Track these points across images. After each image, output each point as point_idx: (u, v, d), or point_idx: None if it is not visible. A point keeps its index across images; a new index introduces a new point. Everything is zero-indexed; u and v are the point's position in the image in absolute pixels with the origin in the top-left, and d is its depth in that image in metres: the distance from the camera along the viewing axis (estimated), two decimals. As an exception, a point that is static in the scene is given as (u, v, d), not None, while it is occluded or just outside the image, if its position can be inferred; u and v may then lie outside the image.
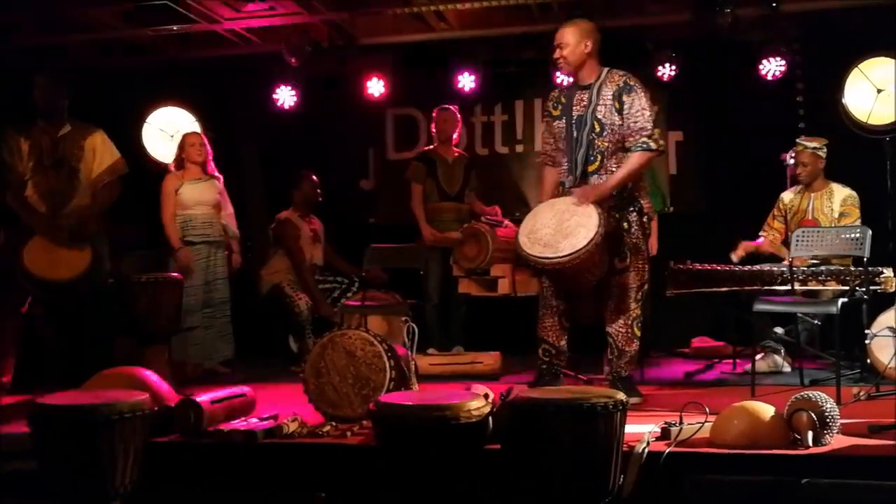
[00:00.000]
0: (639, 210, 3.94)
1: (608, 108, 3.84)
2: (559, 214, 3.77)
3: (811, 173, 5.16)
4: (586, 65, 3.92)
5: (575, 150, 3.91)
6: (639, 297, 3.93)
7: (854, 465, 2.94)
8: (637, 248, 3.91)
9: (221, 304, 5.43)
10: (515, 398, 2.92)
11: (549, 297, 4.00)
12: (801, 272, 4.74)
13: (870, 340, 4.34)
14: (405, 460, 2.79)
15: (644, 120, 3.81)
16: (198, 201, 5.40)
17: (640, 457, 2.95)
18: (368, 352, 3.59)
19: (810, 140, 5.19)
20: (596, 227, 3.63)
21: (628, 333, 3.94)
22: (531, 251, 3.71)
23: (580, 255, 3.59)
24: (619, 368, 4.01)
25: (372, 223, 6.96)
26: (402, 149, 6.92)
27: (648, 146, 3.82)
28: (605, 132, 3.85)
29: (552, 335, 4.02)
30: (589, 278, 3.83)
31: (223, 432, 3.36)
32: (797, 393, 3.20)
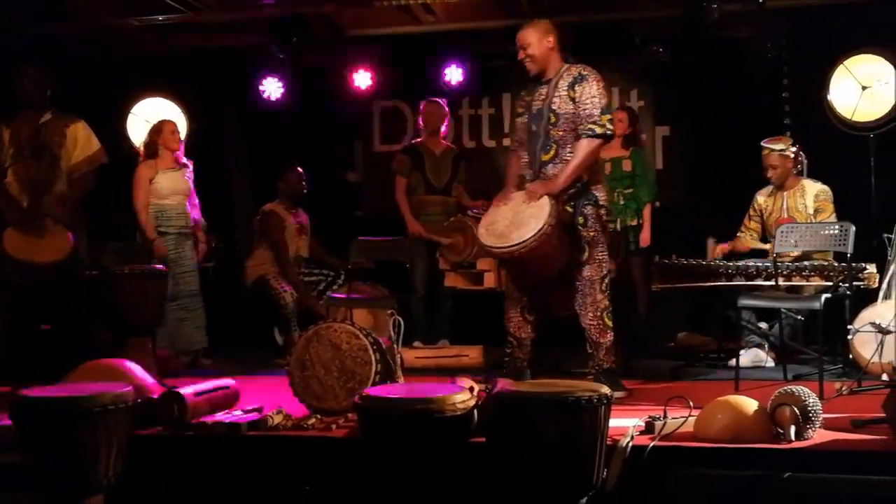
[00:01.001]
0: (594, 202, 4.03)
1: (563, 99, 3.96)
2: (516, 207, 3.93)
3: (781, 175, 5.18)
4: (549, 60, 4.04)
5: (534, 143, 4.04)
6: (604, 287, 4.01)
7: (836, 459, 2.97)
8: (595, 241, 4.00)
9: (192, 295, 5.38)
10: (500, 391, 2.93)
11: (513, 290, 4.13)
12: (784, 268, 4.77)
13: (852, 336, 4.37)
14: (390, 453, 2.79)
15: (592, 106, 3.92)
16: (173, 191, 5.36)
17: (624, 450, 2.95)
18: (354, 345, 3.58)
19: (775, 142, 5.19)
20: (546, 218, 3.75)
21: (600, 325, 4.01)
22: (486, 241, 3.88)
23: (528, 245, 3.72)
24: (600, 361, 4.06)
25: (358, 216, 6.94)
26: (389, 141, 6.91)
27: (594, 131, 3.91)
28: (560, 122, 3.97)
29: (513, 327, 4.14)
30: (548, 269, 3.91)
31: (207, 425, 3.35)
32: (780, 388, 3.22)
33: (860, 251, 4.56)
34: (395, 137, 6.88)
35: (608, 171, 5.70)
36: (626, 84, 6.65)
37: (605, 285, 4.01)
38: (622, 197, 5.67)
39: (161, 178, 5.33)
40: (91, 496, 2.87)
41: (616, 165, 5.71)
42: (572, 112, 3.94)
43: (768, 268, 4.76)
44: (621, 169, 5.70)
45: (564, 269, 3.95)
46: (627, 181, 5.69)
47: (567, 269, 3.97)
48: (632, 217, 5.66)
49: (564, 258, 3.93)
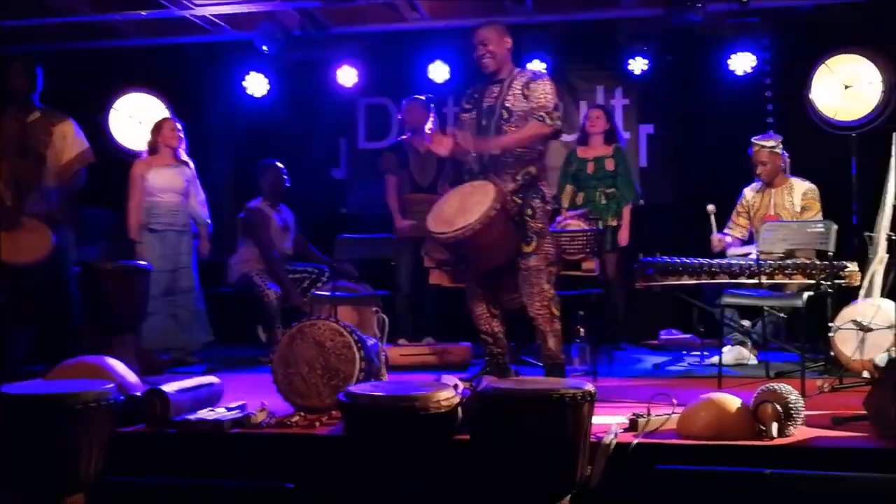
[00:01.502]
0: (541, 196, 4.14)
1: (517, 97, 4.10)
2: (464, 196, 4.03)
3: (771, 171, 5.21)
4: (506, 61, 4.18)
5: (484, 138, 4.12)
6: (550, 278, 4.11)
7: (817, 456, 2.99)
8: (543, 233, 4.12)
9: (186, 292, 5.37)
10: (484, 388, 2.93)
11: (474, 287, 4.21)
12: (767, 266, 4.80)
13: (834, 333, 4.40)
14: (374, 450, 2.79)
15: (545, 100, 4.07)
16: (165, 188, 5.33)
17: (607, 447, 2.97)
18: (338, 342, 3.57)
19: (766, 139, 5.24)
20: (490, 203, 3.85)
21: (547, 314, 4.09)
22: (434, 228, 3.97)
23: (473, 227, 3.81)
24: (550, 353, 4.13)
25: (342, 213, 6.92)
26: (374, 138, 6.89)
27: (544, 119, 4.04)
28: (514, 118, 4.09)
29: (483, 322, 4.22)
30: (495, 256, 4.00)
31: (190, 422, 3.33)
32: (763, 385, 3.24)
33: (842, 249, 4.59)
34: (380, 134, 6.86)
35: (591, 171, 5.72)
36: (611, 82, 6.67)
37: (551, 276, 4.12)
38: (604, 196, 5.69)
39: (154, 175, 5.31)
40: (72, 494, 2.85)
41: (599, 165, 5.73)
42: (526, 109, 4.07)
43: (751, 266, 4.78)
44: (604, 168, 5.71)
45: (511, 257, 4.05)
46: (610, 180, 5.70)
47: (514, 259, 4.08)
48: (613, 216, 5.67)
49: (511, 246, 4.03)
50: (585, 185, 5.74)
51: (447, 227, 3.91)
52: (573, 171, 5.78)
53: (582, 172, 5.76)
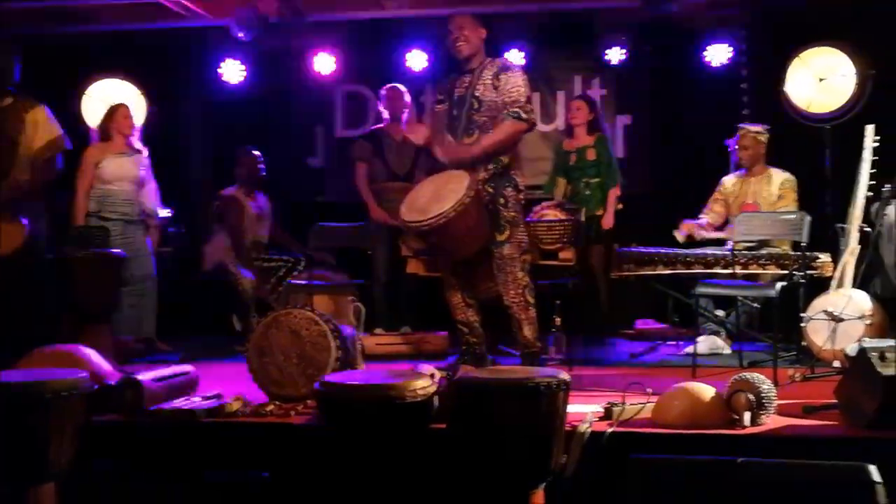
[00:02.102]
0: (514, 185, 4.16)
1: (486, 87, 4.12)
2: (437, 185, 4.04)
3: (752, 157, 5.28)
4: (479, 50, 4.20)
5: (455, 127, 4.17)
6: (524, 266, 4.14)
7: (788, 444, 3.03)
8: (516, 222, 4.14)
9: (144, 280, 5.31)
10: (460, 378, 2.93)
11: (449, 276, 4.23)
12: (741, 256, 4.84)
13: (806, 323, 4.45)
14: (350, 440, 2.78)
15: (518, 94, 4.08)
16: (119, 176, 5.25)
17: (582, 436, 2.98)
18: (313, 331, 3.55)
19: (752, 125, 5.31)
20: (464, 191, 3.86)
21: (522, 302, 4.13)
22: (407, 217, 3.98)
23: (447, 215, 3.83)
24: (525, 341, 4.16)
25: (319, 201, 6.89)
26: (352, 126, 6.86)
27: (519, 115, 4.06)
28: (483, 108, 4.11)
29: (459, 312, 4.24)
30: (468, 245, 4.01)
31: (164, 411, 3.31)
32: (736, 374, 3.27)
33: (815, 241, 4.64)
34: (357, 123, 6.83)
35: (573, 162, 5.73)
36: (588, 73, 6.68)
37: (525, 264, 4.14)
38: (588, 186, 5.71)
39: (108, 163, 5.23)
40: (43, 484, 2.82)
41: (581, 156, 5.74)
42: (495, 100, 4.08)
43: (726, 256, 4.83)
44: (585, 158, 5.72)
45: (484, 246, 4.07)
46: (593, 170, 5.72)
47: (487, 249, 4.09)
48: (597, 206, 5.69)
49: (484, 235, 4.05)
50: (571, 177, 5.77)
51: (421, 216, 3.91)
52: (562, 165, 5.81)
53: (566, 164, 5.78)
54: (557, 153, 5.87)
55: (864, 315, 4.31)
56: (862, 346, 3.18)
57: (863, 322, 4.29)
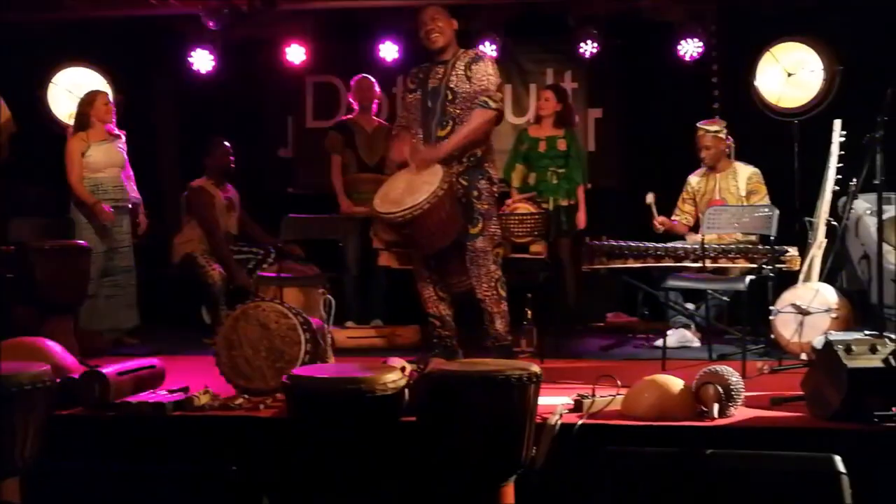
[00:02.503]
0: (488, 178, 4.17)
1: (460, 78, 4.11)
2: (411, 177, 4.03)
3: (714, 156, 5.30)
4: (452, 42, 4.20)
5: (428, 119, 4.15)
6: (496, 259, 4.15)
7: (756, 436, 3.06)
8: (489, 214, 4.14)
9: (126, 272, 5.25)
10: (431, 371, 2.92)
11: (421, 269, 4.23)
12: (711, 250, 4.88)
13: (774, 316, 4.50)
14: (319, 433, 2.77)
15: (487, 82, 4.09)
16: (107, 163, 5.20)
17: (552, 428, 2.99)
18: (283, 324, 3.52)
19: (710, 123, 5.32)
20: (438, 183, 3.87)
21: (494, 295, 4.13)
22: (381, 209, 3.98)
23: (421, 207, 3.83)
24: (497, 334, 4.17)
25: (290, 192, 6.84)
26: (322, 117, 6.81)
27: (487, 104, 4.06)
28: (458, 99, 4.10)
29: (431, 306, 4.24)
30: (442, 237, 4.01)
31: (130, 405, 3.27)
32: (705, 367, 3.30)
33: (783, 234, 4.69)
34: (328, 113, 6.77)
35: (543, 150, 5.72)
36: (560, 66, 6.68)
37: (498, 257, 4.14)
38: (556, 176, 5.70)
39: (94, 151, 5.16)
40: (6, 479, 2.77)
41: (551, 144, 5.72)
42: (469, 91, 4.08)
43: (695, 250, 4.86)
44: (556, 148, 5.71)
45: (458, 239, 4.06)
46: (561, 160, 5.71)
47: (460, 242, 4.09)
48: (564, 197, 5.69)
49: (457, 228, 4.05)
50: (537, 165, 5.73)
51: (395, 208, 3.90)
52: (524, 151, 5.77)
53: (534, 151, 5.74)
54: (520, 139, 5.83)
55: (830, 308, 4.37)
56: (828, 339, 3.22)
57: (829, 315, 4.35)
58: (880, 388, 3.04)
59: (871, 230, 4.45)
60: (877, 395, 3.04)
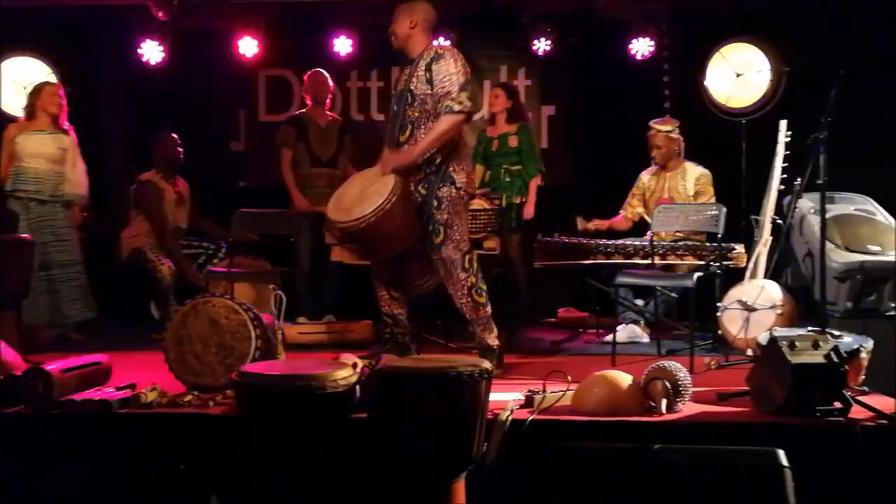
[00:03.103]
0: (451, 183, 3.93)
1: (419, 79, 3.91)
2: (364, 184, 3.93)
3: (665, 155, 5.39)
4: (412, 40, 4.00)
5: (393, 123, 4.02)
6: (466, 266, 3.97)
7: (702, 430, 3.11)
8: (450, 223, 3.93)
9: (66, 265, 5.14)
10: (382, 367, 2.92)
11: (376, 269, 4.15)
12: (660, 247, 4.95)
13: (721, 313, 4.58)
14: (269, 430, 2.74)
15: (450, 84, 3.84)
16: (35, 154, 5.08)
17: (503, 424, 3.00)
18: (233, 320, 3.48)
19: (663, 123, 5.41)
20: (387, 195, 3.75)
21: (470, 303, 4.00)
22: (332, 216, 3.89)
23: (367, 219, 3.74)
24: (481, 338, 4.09)
25: (242, 187, 6.76)
26: (275, 111, 6.75)
27: (452, 108, 3.83)
28: (416, 103, 3.91)
29: (384, 305, 4.16)
30: (394, 246, 3.90)
31: (75, 402, 3.20)
32: (654, 362, 3.34)
33: (731, 232, 4.77)
34: (281, 107, 6.72)
35: (495, 148, 5.75)
36: (514, 63, 6.71)
37: (466, 263, 3.96)
38: (508, 174, 5.73)
39: (25, 140, 5.05)
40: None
41: (503, 142, 5.76)
42: (427, 93, 3.87)
43: (645, 247, 4.92)
44: (507, 145, 5.74)
45: (414, 246, 3.97)
46: (514, 157, 5.74)
47: (422, 249, 4.00)
48: (517, 194, 5.72)
49: (413, 236, 3.92)
50: (491, 163, 5.78)
51: (345, 216, 3.81)
52: (482, 151, 5.81)
53: (488, 150, 5.79)
54: (479, 140, 5.87)
55: (775, 305, 4.46)
56: (773, 335, 3.28)
57: (774, 311, 4.44)
58: (822, 383, 3.11)
59: (814, 229, 4.55)
60: (819, 389, 3.11)
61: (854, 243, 4.61)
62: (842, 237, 4.63)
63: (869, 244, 4.59)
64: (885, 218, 4.87)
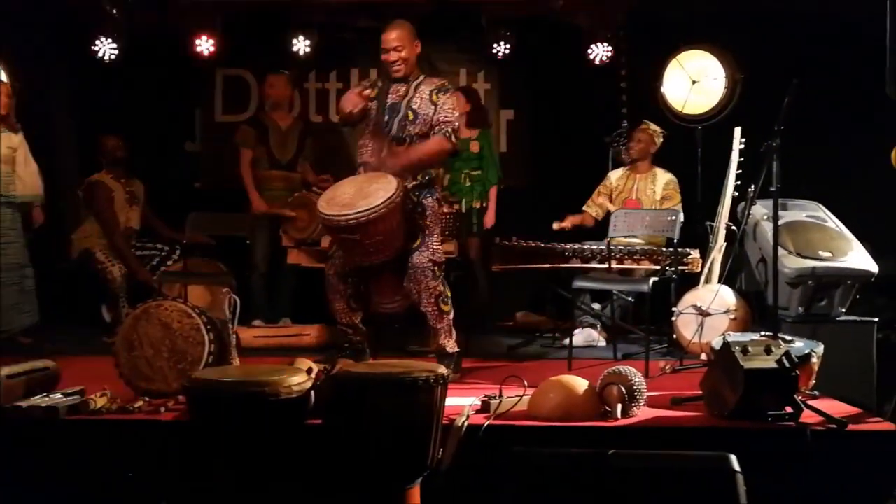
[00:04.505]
0: (436, 199, 4.18)
1: (424, 102, 4.07)
2: (360, 184, 3.95)
3: (642, 151, 5.47)
4: (413, 64, 4.14)
5: (384, 134, 4.08)
6: (438, 274, 4.07)
7: (656, 435, 3.14)
8: (430, 231, 4.09)
9: (13, 269, 5.02)
10: (337, 372, 2.89)
11: (336, 283, 4.13)
12: (618, 251, 4.98)
13: (676, 317, 4.62)
14: (220, 437, 2.70)
15: (451, 116, 4.08)
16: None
17: (459, 430, 2.99)
18: (186, 324, 3.43)
19: (654, 125, 5.50)
20: (395, 189, 3.80)
21: (436, 311, 4.07)
22: (330, 211, 3.83)
23: (377, 210, 3.74)
24: (441, 345, 4.12)
25: (198, 188, 6.67)
26: (232, 111, 6.66)
27: (449, 136, 4.06)
28: (419, 120, 4.06)
29: (344, 317, 4.17)
30: (384, 250, 3.93)
31: (21, 408, 3.12)
32: (610, 367, 3.36)
33: (686, 238, 4.82)
34: (237, 107, 6.64)
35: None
36: (473, 66, 6.72)
37: (439, 272, 4.07)
38: (469, 178, 5.73)
39: None
40: None
41: (463, 147, 5.74)
42: (430, 115, 4.05)
43: (602, 251, 4.95)
44: (469, 150, 5.75)
45: (398, 253, 3.99)
46: (475, 163, 5.75)
47: (399, 257, 4.02)
48: (477, 199, 5.72)
49: (401, 240, 3.98)
50: (452, 167, 5.77)
51: (348, 210, 3.76)
52: None
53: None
54: None
55: (729, 310, 4.51)
56: (726, 341, 3.32)
57: (728, 316, 4.50)
58: (774, 387, 3.15)
59: (767, 235, 4.61)
60: (771, 394, 3.15)
61: (806, 249, 4.68)
62: (794, 243, 4.70)
63: (820, 250, 4.67)
64: (835, 225, 4.95)
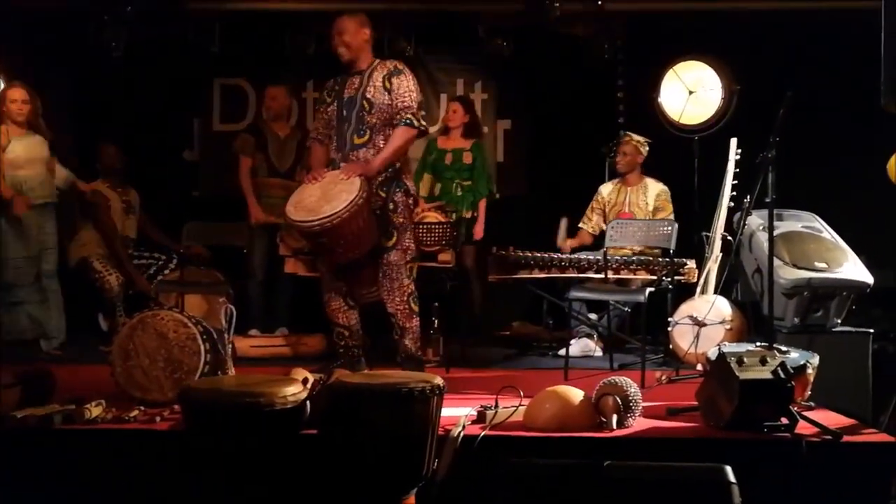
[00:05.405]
0: (405, 191, 4.14)
1: (378, 90, 4.06)
2: (325, 186, 3.95)
3: (629, 163, 5.47)
4: (363, 52, 4.14)
5: (344, 128, 4.10)
6: (410, 273, 4.11)
7: (652, 446, 3.14)
8: (404, 227, 4.10)
9: (50, 276, 5.06)
10: (333, 383, 2.89)
11: (331, 279, 4.14)
12: (614, 261, 4.99)
13: (672, 328, 4.63)
14: (215, 447, 2.69)
15: (410, 100, 4.06)
16: (29, 159, 4.97)
17: (455, 440, 2.99)
18: (182, 334, 3.43)
19: (637, 135, 5.51)
20: (357, 192, 3.81)
21: (406, 309, 4.09)
22: (296, 217, 3.86)
23: (340, 216, 3.75)
24: (405, 348, 4.14)
25: (195, 196, 6.67)
26: (229, 120, 6.68)
27: (411, 122, 4.04)
28: (374, 110, 4.05)
29: (341, 316, 4.17)
30: (357, 248, 3.94)
31: (15, 417, 3.11)
32: (606, 377, 3.36)
33: (682, 248, 4.83)
34: (235, 117, 6.66)
35: (449, 162, 5.75)
36: (470, 76, 6.73)
37: (411, 271, 4.10)
38: (460, 188, 5.74)
39: (15, 146, 4.92)
40: None
41: (457, 156, 5.76)
42: (388, 103, 4.04)
43: (598, 261, 4.96)
44: (462, 160, 5.75)
45: (371, 250, 4.01)
46: (467, 173, 5.75)
47: (374, 253, 4.04)
48: (468, 208, 5.73)
49: (373, 239, 3.99)
50: (443, 176, 5.77)
51: (312, 216, 3.80)
52: (432, 161, 5.80)
53: (440, 163, 5.78)
54: (428, 149, 5.85)
55: (725, 320, 4.53)
56: (721, 351, 3.32)
57: (723, 327, 4.51)
58: (770, 398, 3.16)
59: (763, 245, 4.62)
60: (766, 405, 3.15)
61: (801, 260, 4.69)
62: (790, 254, 4.71)
63: (816, 261, 4.68)
64: (831, 235, 4.97)
